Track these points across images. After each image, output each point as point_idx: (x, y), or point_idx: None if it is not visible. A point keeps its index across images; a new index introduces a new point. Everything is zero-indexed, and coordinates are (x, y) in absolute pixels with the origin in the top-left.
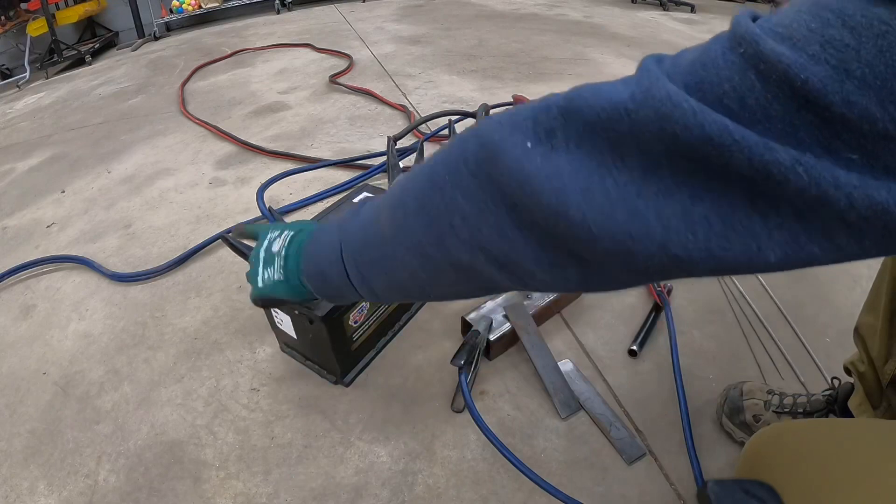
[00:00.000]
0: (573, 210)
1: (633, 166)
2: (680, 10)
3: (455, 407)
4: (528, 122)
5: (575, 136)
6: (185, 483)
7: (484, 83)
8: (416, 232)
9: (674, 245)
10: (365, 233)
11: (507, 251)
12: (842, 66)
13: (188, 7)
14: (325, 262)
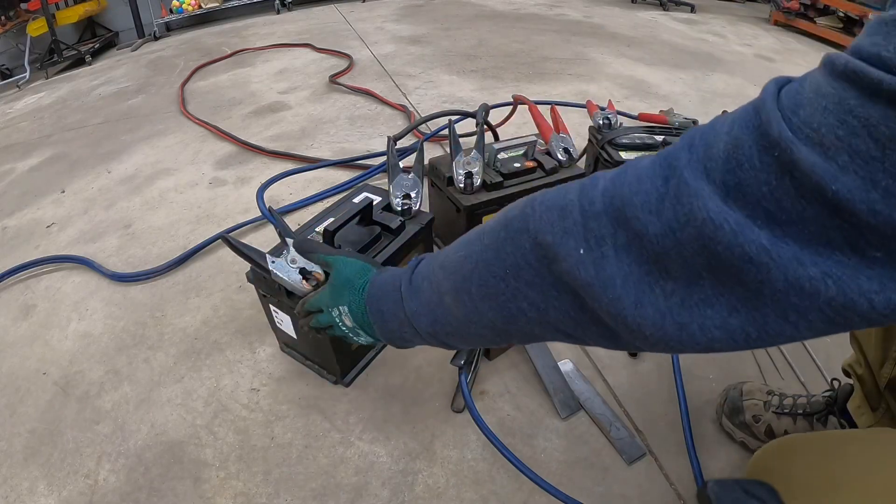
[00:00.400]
0: (630, 319)
1: (677, 277)
2: (680, 10)
3: (455, 407)
4: (578, 227)
5: (623, 244)
6: (185, 483)
7: (484, 83)
8: (486, 314)
9: (717, 348)
10: (433, 314)
11: (575, 328)
12: (868, 176)
13: (188, 7)
14: (400, 331)
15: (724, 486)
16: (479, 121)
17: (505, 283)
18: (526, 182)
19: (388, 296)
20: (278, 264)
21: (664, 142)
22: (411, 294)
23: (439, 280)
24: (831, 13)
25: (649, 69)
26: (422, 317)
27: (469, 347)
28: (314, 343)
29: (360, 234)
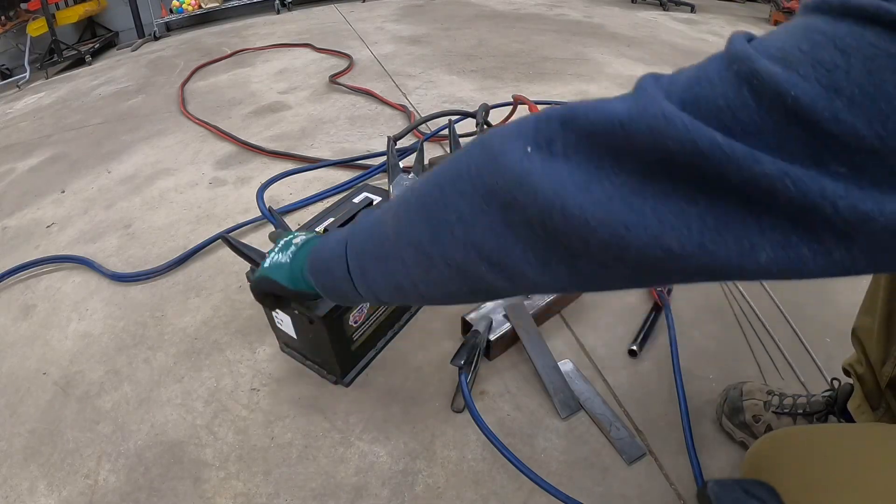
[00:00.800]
0: (570, 203)
1: (630, 171)
2: (680, 10)
3: (455, 407)
4: (529, 130)
5: (573, 145)
6: (185, 483)
7: (484, 83)
8: (416, 228)
9: (668, 237)
10: (371, 230)
11: (499, 250)
12: (832, 85)
13: (188, 7)
14: (329, 255)
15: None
16: (479, 121)
17: (441, 194)
18: None
19: (344, 229)
20: None
21: None
22: (363, 217)
23: (394, 199)
24: None
25: (649, 69)
26: (358, 238)
27: (389, 292)
28: (314, 343)
29: None
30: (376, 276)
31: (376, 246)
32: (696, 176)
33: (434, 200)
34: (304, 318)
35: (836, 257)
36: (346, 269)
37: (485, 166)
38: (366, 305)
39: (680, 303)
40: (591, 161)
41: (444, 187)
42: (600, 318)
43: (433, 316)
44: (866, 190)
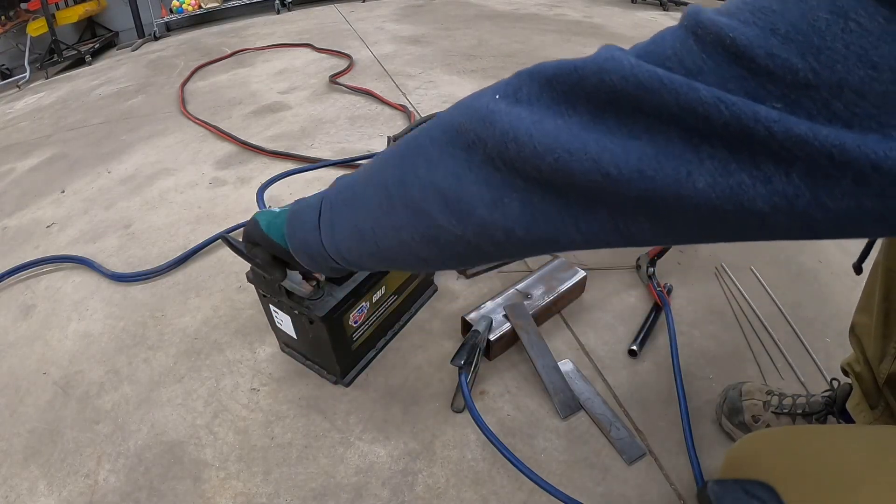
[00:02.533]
0: (522, 133)
1: (581, 112)
2: (680, 10)
3: (455, 407)
4: (501, 83)
5: (536, 93)
6: (185, 483)
7: (484, 83)
8: (386, 172)
9: (606, 162)
10: (347, 181)
11: (456, 189)
12: (768, 26)
13: (188, 7)
14: (305, 204)
15: (724, 486)
16: None
17: (414, 140)
18: None
19: (315, 194)
20: None
21: None
22: (338, 182)
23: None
24: None
25: None
26: (334, 189)
27: (346, 237)
28: (314, 343)
29: None
30: (340, 221)
31: (347, 190)
32: (638, 109)
33: (407, 146)
34: (304, 318)
35: (776, 185)
36: (317, 218)
37: (456, 113)
38: (365, 305)
39: (680, 303)
40: (549, 105)
41: (419, 136)
42: (600, 318)
43: (433, 316)
44: (801, 120)
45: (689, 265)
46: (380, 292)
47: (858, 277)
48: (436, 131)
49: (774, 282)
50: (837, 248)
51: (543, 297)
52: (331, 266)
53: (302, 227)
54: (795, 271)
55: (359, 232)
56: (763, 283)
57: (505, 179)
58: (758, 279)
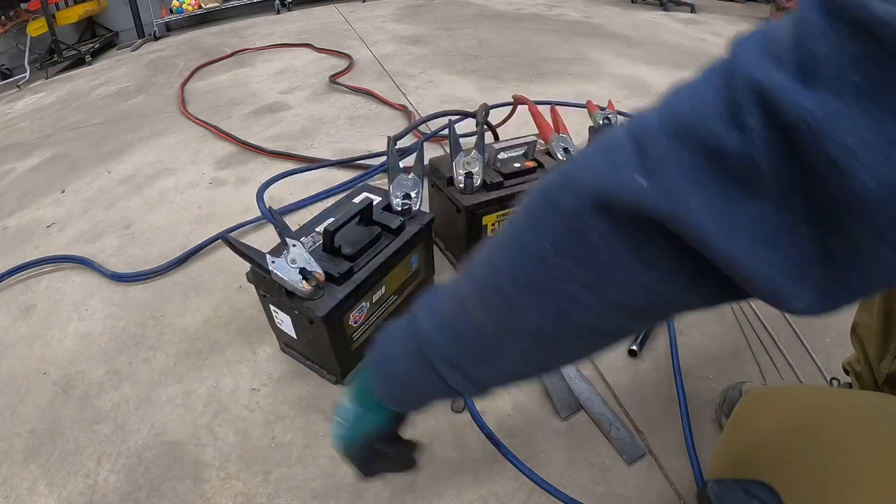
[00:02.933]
0: (722, 252)
1: (765, 196)
2: (680, 10)
3: (455, 407)
4: (632, 156)
5: (693, 164)
6: (185, 483)
7: (484, 83)
8: (526, 315)
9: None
10: (453, 332)
11: (649, 296)
12: None
13: (188, 7)
14: (409, 376)
15: (724, 486)
16: (479, 121)
17: (545, 267)
18: (526, 182)
19: (392, 336)
20: (278, 264)
21: None
22: (426, 312)
23: (462, 288)
24: None
25: (649, 69)
26: (438, 341)
27: (502, 383)
28: (314, 343)
29: (360, 234)
30: (485, 375)
31: (474, 346)
32: (829, 193)
33: (537, 277)
34: (304, 319)
35: None
36: (442, 382)
37: (590, 214)
38: (366, 305)
39: None
40: (720, 187)
41: (547, 258)
42: None
43: None
44: None
45: None
46: (380, 292)
47: None
48: (571, 243)
49: None
50: None
51: None
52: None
53: (422, 396)
54: None
55: (518, 372)
56: None
57: (703, 268)
58: None
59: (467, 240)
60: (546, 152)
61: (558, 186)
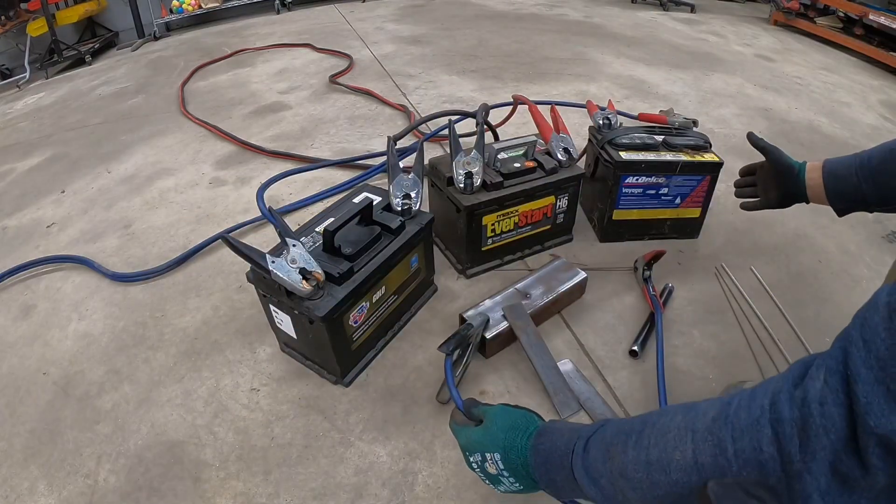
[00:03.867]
0: None
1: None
2: (680, 10)
3: (440, 398)
4: (773, 456)
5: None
6: (185, 483)
7: (484, 83)
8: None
9: None
10: (597, 485)
11: None
12: None
13: (188, 7)
14: (563, 481)
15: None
16: (479, 121)
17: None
18: (526, 182)
19: (557, 461)
20: (278, 264)
21: (664, 142)
22: (586, 478)
23: (621, 486)
24: (831, 13)
25: (649, 69)
26: (587, 484)
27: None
28: (314, 343)
29: (360, 234)
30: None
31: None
32: None
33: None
34: (304, 319)
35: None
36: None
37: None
38: (365, 305)
39: (680, 303)
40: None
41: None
42: (600, 318)
43: (433, 315)
44: None
45: (689, 265)
46: (380, 292)
47: (859, 277)
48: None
49: (774, 282)
50: (837, 248)
51: (542, 297)
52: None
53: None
54: (795, 271)
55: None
56: (763, 283)
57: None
58: (758, 279)
59: (467, 240)
60: (546, 152)
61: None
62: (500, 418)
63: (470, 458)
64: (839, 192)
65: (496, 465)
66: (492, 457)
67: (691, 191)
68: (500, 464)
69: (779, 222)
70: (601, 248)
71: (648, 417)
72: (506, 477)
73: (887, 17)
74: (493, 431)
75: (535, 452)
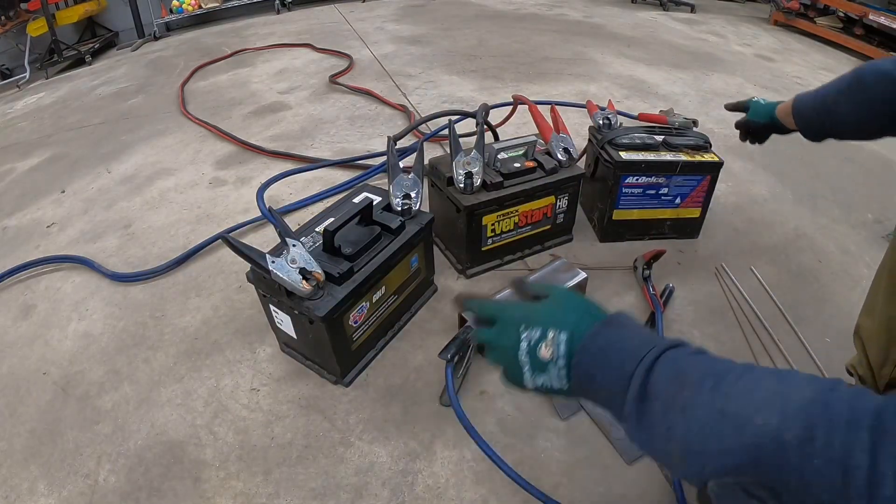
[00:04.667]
0: None
1: None
2: (680, 10)
3: (443, 401)
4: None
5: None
6: (185, 483)
7: (484, 83)
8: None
9: None
10: (662, 400)
11: None
12: None
13: (188, 7)
14: (613, 381)
15: (724, 486)
16: (479, 121)
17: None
18: (526, 182)
19: (614, 358)
20: (278, 264)
21: (664, 142)
22: (638, 391)
23: (673, 419)
24: (831, 13)
25: (649, 69)
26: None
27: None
28: (314, 343)
29: (360, 234)
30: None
31: (661, 427)
32: None
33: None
34: (304, 319)
35: None
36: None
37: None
38: (365, 305)
39: (680, 303)
40: None
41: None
42: None
43: (433, 315)
44: None
45: (689, 265)
46: (380, 292)
47: (859, 277)
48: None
49: (774, 282)
50: (837, 248)
51: None
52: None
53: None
54: (795, 271)
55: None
56: (763, 283)
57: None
58: (758, 279)
59: (467, 240)
60: (546, 152)
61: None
62: (570, 299)
63: (522, 336)
64: (810, 129)
65: (555, 349)
66: (554, 336)
67: (691, 191)
68: (562, 347)
69: (779, 222)
70: (601, 248)
71: (731, 365)
72: (557, 366)
73: (887, 17)
74: (562, 309)
75: (592, 338)
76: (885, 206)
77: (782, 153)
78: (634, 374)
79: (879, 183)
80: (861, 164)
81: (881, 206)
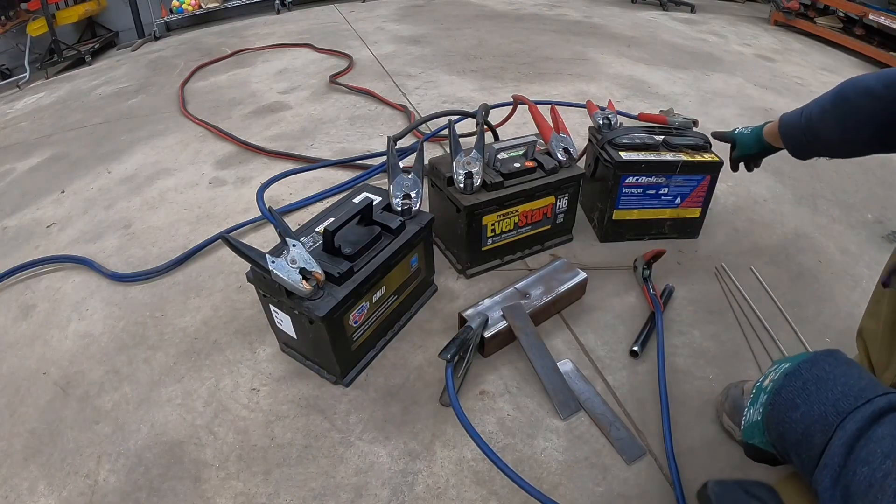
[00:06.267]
0: None
1: None
2: (680, 10)
3: (443, 401)
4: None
5: None
6: (185, 483)
7: (484, 83)
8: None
9: None
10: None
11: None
12: None
13: (188, 7)
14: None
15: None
16: (479, 121)
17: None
18: (526, 182)
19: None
20: (278, 264)
21: (664, 142)
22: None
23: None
24: (831, 13)
25: (649, 69)
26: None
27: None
28: (314, 343)
29: (360, 234)
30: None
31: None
32: None
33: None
34: (304, 319)
35: None
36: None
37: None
38: (365, 305)
39: (680, 303)
40: None
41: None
42: (600, 318)
43: (433, 315)
44: None
45: (689, 265)
46: (380, 292)
47: (859, 277)
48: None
49: (774, 282)
50: (837, 248)
51: (542, 297)
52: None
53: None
54: (795, 271)
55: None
56: (763, 283)
57: None
58: (758, 279)
59: (467, 240)
60: (546, 152)
61: None
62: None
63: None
64: (798, 149)
65: (777, 377)
66: (777, 367)
67: (691, 191)
68: (782, 378)
69: (779, 222)
70: (601, 248)
71: None
72: (764, 391)
73: (887, 17)
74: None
75: (809, 364)
76: (885, 206)
77: (782, 153)
78: (848, 418)
79: (879, 183)
80: (861, 165)
81: (881, 206)
